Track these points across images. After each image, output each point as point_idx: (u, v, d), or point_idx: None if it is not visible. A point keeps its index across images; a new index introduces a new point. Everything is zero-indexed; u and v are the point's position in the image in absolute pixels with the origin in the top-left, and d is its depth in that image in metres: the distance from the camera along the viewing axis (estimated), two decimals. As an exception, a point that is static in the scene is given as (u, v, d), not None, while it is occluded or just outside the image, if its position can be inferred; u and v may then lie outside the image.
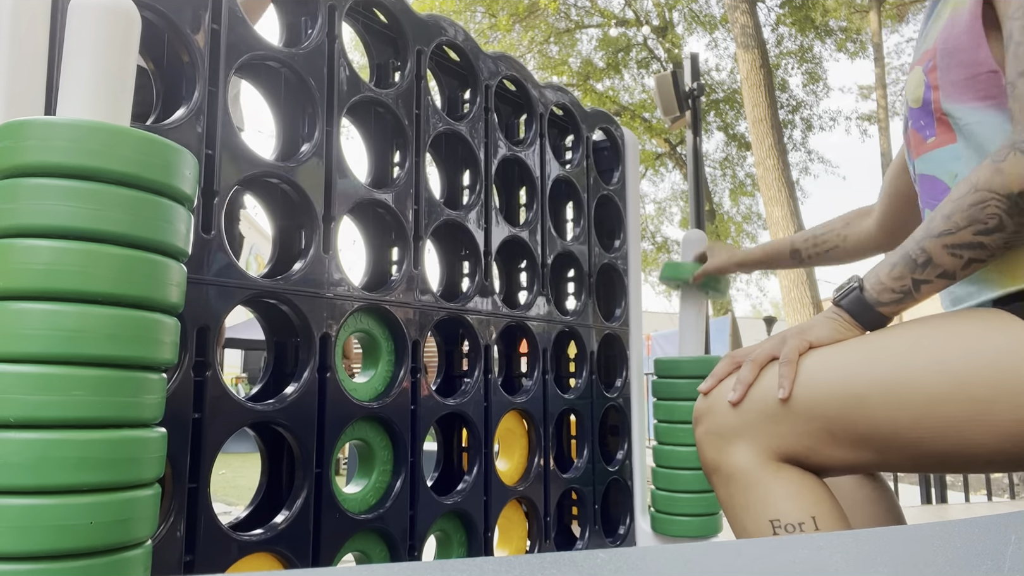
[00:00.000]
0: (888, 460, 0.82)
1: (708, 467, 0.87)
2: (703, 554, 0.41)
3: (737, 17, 10.12)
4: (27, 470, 0.60)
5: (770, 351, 0.86)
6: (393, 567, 0.37)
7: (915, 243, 0.83)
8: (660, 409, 1.55)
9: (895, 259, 0.85)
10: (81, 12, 0.68)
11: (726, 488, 0.84)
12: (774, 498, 0.80)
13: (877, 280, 0.85)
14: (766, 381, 0.84)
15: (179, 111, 0.97)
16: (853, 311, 0.86)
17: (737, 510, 0.83)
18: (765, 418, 0.82)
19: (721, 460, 0.84)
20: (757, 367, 0.86)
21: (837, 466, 0.84)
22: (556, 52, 14.52)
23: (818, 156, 17.56)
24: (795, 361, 0.83)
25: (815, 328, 0.87)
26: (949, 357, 0.77)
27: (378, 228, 1.30)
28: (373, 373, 1.23)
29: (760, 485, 0.81)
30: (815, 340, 0.85)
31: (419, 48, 1.32)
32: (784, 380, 0.82)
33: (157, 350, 0.68)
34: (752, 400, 0.84)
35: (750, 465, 0.82)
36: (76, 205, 0.63)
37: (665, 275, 1.60)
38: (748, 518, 0.82)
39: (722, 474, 0.85)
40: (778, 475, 0.81)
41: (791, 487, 0.81)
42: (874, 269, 0.87)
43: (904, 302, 0.84)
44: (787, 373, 0.82)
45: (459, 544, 1.35)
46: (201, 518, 0.93)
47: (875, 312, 0.85)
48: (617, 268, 1.77)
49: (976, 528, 0.45)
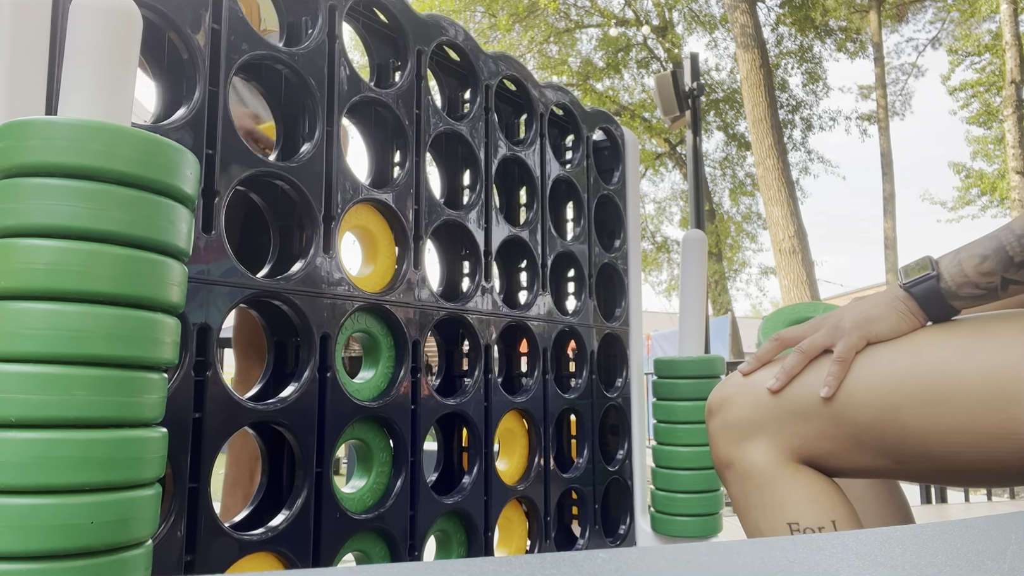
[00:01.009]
0: (906, 470, 0.78)
1: (720, 462, 0.83)
2: (703, 554, 0.41)
3: (737, 17, 10.12)
4: (28, 470, 0.60)
5: (824, 342, 0.79)
6: (393, 567, 0.37)
7: (1015, 237, 0.74)
8: (660, 409, 1.55)
9: (985, 250, 0.75)
10: (82, 12, 0.68)
11: (740, 485, 0.80)
12: (792, 500, 0.77)
13: (960, 271, 0.76)
14: (806, 377, 0.78)
15: (179, 111, 0.97)
16: (923, 302, 0.78)
17: (751, 509, 0.80)
18: (791, 416, 0.78)
19: (736, 456, 0.80)
20: (807, 359, 0.79)
21: (852, 471, 0.80)
22: (556, 52, 14.53)
23: (818, 156, 17.53)
24: (849, 361, 0.77)
25: (877, 320, 0.78)
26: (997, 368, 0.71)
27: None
28: (373, 373, 1.23)
29: (777, 485, 0.78)
30: (874, 336, 0.78)
31: (419, 48, 1.32)
32: (832, 379, 0.76)
33: (158, 350, 0.68)
34: (782, 396, 0.78)
35: (767, 463, 0.78)
36: (77, 205, 0.63)
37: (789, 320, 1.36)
38: (763, 518, 0.78)
39: (736, 470, 0.80)
40: (796, 477, 0.78)
41: (810, 490, 0.77)
42: (955, 255, 0.78)
43: (985, 299, 0.76)
44: (838, 373, 0.76)
45: (459, 544, 1.35)
46: (201, 518, 0.93)
47: (947, 305, 0.77)
48: (617, 268, 1.77)
49: (976, 528, 0.45)
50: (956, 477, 0.79)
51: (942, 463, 0.75)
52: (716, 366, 1.55)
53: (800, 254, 9.19)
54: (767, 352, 0.84)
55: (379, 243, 1.25)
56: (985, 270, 0.75)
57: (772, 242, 9.50)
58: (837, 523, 0.76)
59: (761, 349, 0.85)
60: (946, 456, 0.74)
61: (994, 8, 11.52)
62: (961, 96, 14.79)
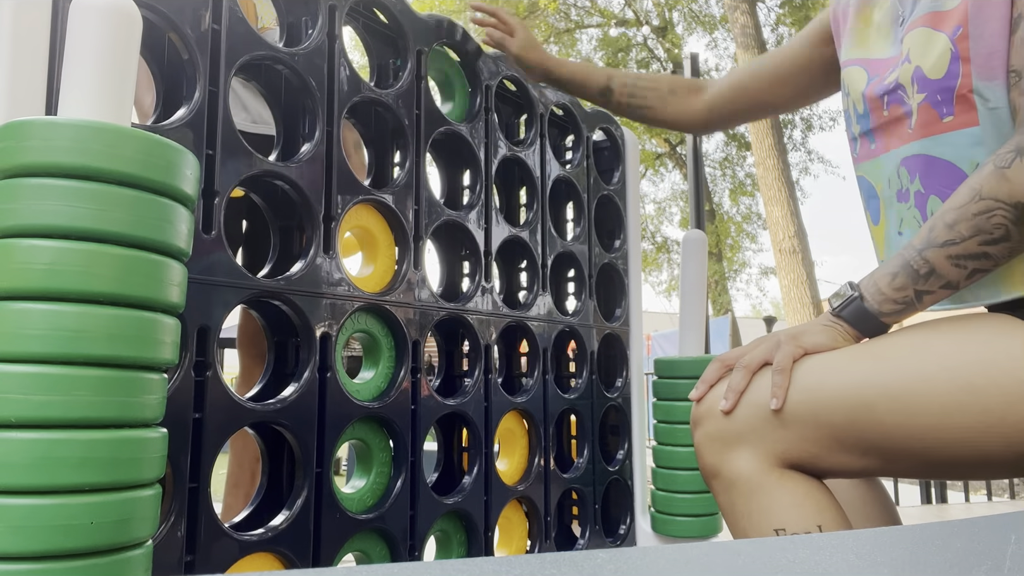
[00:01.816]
0: (895, 467, 0.80)
1: (707, 472, 0.84)
2: (703, 554, 0.41)
3: (737, 17, 10.12)
4: (28, 470, 0.60)
5: (763, 356, 0.82)
6: (393, 567, 0.37)
7: (916, 252, 0.80)
8: (660, 409, 1.55)
9: (894, 268, 0.81)
10: (82, 12, 0.68)
11: (727, 494, 0.81)
12: (778, 506, 0.77)
13: (877, 290, 0.82)
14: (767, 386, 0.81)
15: (179, 111, 0.97)
16: (853, 321, 0.83)
17: (739, 517, 0.80)
18: (769, 423, 0.79)
19: (722, 465, 0.81)
20: (749, 373, 0.82)
21: (842, 472, 0.81)
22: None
23: (818, 156, 17.57)
24: (789, 369, 0.80)
25: (811, 334, 0.83)
26: (961, 365, 0.74)
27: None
28: (373, 373, 1.23)
29: (763, 492, 0.78)
30: (811, 347, 0.82)
31: (419, 48, 1.32)
32: (778, 390, 0.79)
33: (158, 350, 0.68)
34: (755, 405, 0.80)
35: (752, 471, 0.79)
36: (77, 205, 0.63)
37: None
38: (751, 526, 0.79)
39: (723, 480, 0.81)
40: (781, 482, 0.78)
41: (796, 495, 0.78)
42: (871, 277, 0.84)
43: (906, 312, 0.82)
44: (780, 382, 0.79)
45: (459, 544, 1.35)
46: (202, 518, 0.93)
47: (877, 321, 0.82)
48: (617, 268, 1.77)
49: (976, 528, 0.45)
50: (946, 471, 0.81)
51: (928, 458, 0.76)
52: None
53: (800, 254, 9.18)
54: (712, 374, 0.86)
55: (379, 243, 1.25)
56: (897, 285, 0.80)
57: (772, 242, 9.49)
58: (824, 527, 0.77)
59: (705, 372, 0.87)
60: (930, 451, 0.75)
61: (994, 8, 11.49)
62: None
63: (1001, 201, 0.75)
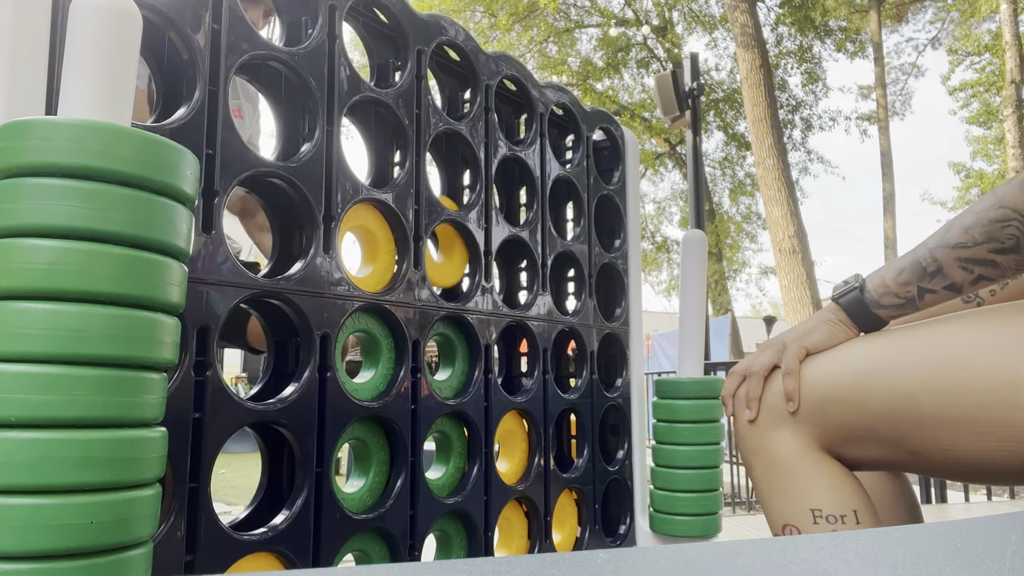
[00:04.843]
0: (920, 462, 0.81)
1: (748, 449, 0.87)
2: (703, 554, 0.41)
3: (737, 17, 10.12)
4: (28, 470, 0.60)
5: (770, 361, 0.86)
6: (393, 567, 0.37)
7: (927, 250, 0.81)
8: (659, 409, 1.55)
9: (904, 264, 0.82)
10: (82, 12, 0.68)
11: (765, 471, 0.84)
12: (816, 488, 0.80)
13: (881, 282, 0.83)
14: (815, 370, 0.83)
15: (179, 111, 0.97)
16: (851, 311, 0.85)
17: (775, 495, 0.83)
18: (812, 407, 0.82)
19: (763, 443, 0.84)
20: (761, 378, 0.86)
21: (872, 463, 0.83)
22: (555, 52, 14.52)
23: (818, 156, 17.54)
24: (797, 371, 0.83)
25: (812, 333, 0.86)
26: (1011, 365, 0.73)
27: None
28: (373, 373, 1.23)
29: (802, 473, 0.81)
30: (812, 346, 0.84)
31: (419, 48, 1.32)
32: (791, 392, 0.82)
33: (158, 350, 0.68)
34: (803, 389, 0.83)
35: (792, 451, 0.82)
36: (77, 205, 0.63)
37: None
38: (786, 503, 0.82)
39: (763, 457, 0.85)
40: (820, 465, 0.82)
41: (833, 479, 0.81)
42: (879, 270, 0.86)
43: (905, 309, 0.83)
44: (792, 384, 0.82)
45: (459, 544, 1.35)
46: (202, 518, 0.93)
47: (873, 315, 0.84)
48: (617, 268, 1.77)
49: (976, 528, 0.45)
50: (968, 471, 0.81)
51: (954, 454, 0.77)
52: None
53: (800, 254, 9.18)
54: (731, 387, 0.91)
55: (379, 243, 1.25)
56: (903, 280, 0.82)
57: (772, 242, 9.50)
58: (859, 513, 0.79)
59: (725, 387, 0.92)
60: (957, 446, 0.76)
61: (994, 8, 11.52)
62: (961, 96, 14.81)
63: (1018, 212, 0.75)
